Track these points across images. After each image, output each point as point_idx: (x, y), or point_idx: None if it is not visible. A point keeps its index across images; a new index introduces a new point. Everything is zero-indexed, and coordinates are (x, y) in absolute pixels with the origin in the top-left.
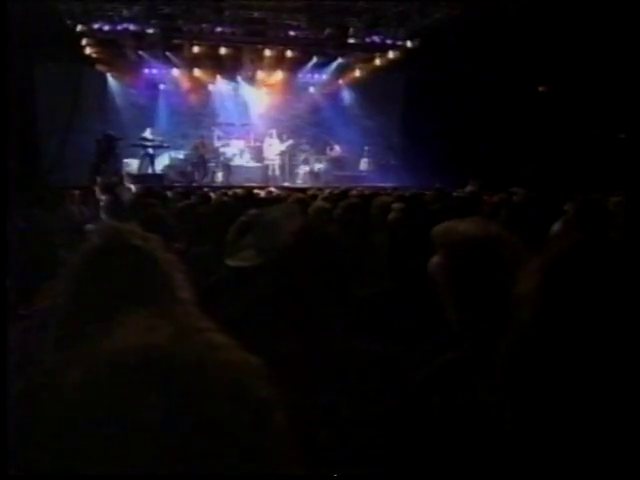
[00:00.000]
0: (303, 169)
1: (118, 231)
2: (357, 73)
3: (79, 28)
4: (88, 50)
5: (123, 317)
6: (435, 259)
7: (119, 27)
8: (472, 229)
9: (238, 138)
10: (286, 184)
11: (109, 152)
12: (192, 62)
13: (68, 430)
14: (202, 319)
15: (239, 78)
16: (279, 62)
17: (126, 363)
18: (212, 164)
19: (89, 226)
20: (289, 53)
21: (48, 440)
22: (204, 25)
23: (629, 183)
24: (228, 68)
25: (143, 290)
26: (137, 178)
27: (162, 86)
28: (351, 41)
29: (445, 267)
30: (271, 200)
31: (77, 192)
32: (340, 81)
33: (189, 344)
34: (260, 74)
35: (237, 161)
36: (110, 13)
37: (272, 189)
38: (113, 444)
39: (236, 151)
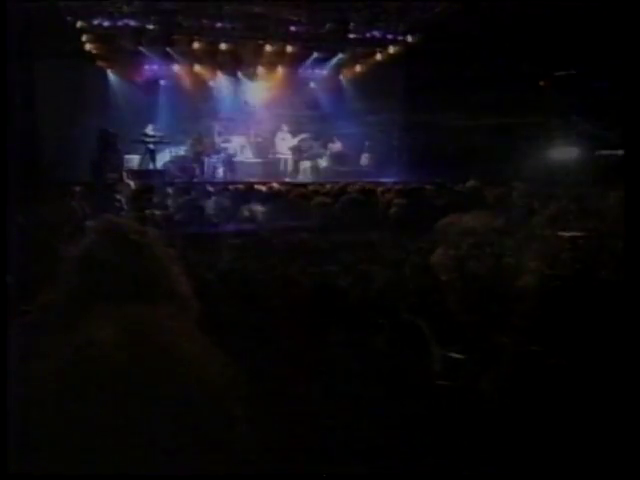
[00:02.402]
0: (304, 164)
1: (114, 226)
2: (358, 68)
3: (79, 24)
4: (88, 46)
5: (106, 311)
6: (438, 252)
7: (119, 23)
8: (475, 222)
9: (239, 134)
10: (287, 179)
11: (106, 148)
12: (192, 58)
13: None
14: (193, 313)
15: (239, 74)
16: (279, 57)
17: (89, 356)
18: (213, 159)
19: (90, 222)
20: (289, 48)
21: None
22: (204, 21)
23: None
24: (228, 64)
25: (138, 284)
26: (138, 174)
27: (162, 82)
28: (351, 36)
29: (448, 259)
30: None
31: (78, 188)
32: (341, 76)
33: (151, 342)
34: (260, 69)
35: (238, 156)
36: (110, 9)
37: (274, 184)
38: (83, 434)
39: (237, 147)
